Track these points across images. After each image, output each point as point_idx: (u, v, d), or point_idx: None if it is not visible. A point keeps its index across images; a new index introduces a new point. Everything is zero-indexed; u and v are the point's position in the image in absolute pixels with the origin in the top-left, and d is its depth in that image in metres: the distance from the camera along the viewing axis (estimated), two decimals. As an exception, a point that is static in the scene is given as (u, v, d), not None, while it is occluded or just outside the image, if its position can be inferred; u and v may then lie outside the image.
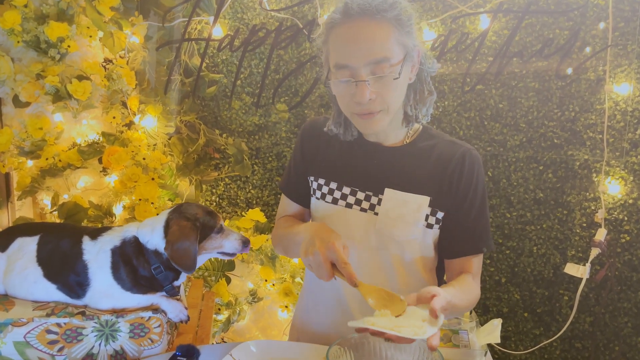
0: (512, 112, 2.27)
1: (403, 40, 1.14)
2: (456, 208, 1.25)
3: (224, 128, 2.44)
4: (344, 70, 1.14)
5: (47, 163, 1.98)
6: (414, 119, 1.27)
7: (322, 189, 1.33)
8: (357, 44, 1.12)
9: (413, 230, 1.23)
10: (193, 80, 2.31)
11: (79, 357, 1.27)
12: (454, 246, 1.27)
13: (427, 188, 1.24)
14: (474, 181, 1.24)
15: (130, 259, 1.31)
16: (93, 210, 1.96)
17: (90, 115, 2.12)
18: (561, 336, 2.32)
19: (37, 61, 2.00)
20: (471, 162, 1.25)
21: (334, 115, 1.31)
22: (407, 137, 1.30)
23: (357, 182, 1.29)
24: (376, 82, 1.13)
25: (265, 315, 2.12)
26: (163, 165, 2.12)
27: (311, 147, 1.38)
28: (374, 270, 1.27)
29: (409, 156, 1.28)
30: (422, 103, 1.25)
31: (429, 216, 1.24)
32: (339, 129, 1.31)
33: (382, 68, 1.12)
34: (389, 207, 1.24)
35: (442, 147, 1.27)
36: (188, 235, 1.26)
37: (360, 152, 1.31)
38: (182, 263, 1.27)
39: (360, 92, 1.13)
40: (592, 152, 2.21)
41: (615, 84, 2.12)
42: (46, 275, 1.35)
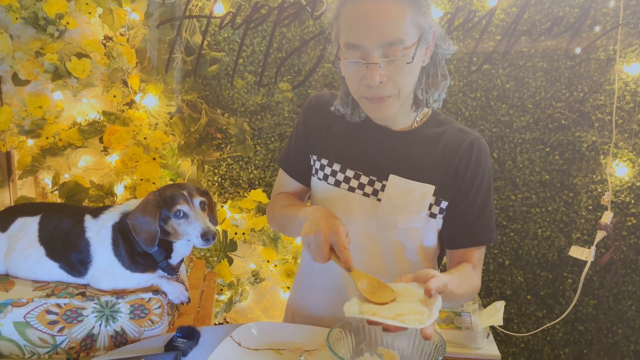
0: (519, 93, 2.23)
1: (418, 20, 1.07)
2: (460, 198, 1.21)
3: (226, 107, 2.41)
4: (354, 51, 1.09)
5: (47, 142, 1.96)
6: (424, 104, 1.20)
7: (324, 170, 1.29)
8: (369, 23, 1.05)
9: (416, 219, 1.20)
10: (194, 58, 2.28)
11: (79, 338, 1.27)
12: (456, 237, 1.23)
13: (432, 176, 1.20)
14: (480, 172, 1.20)
15: (128, 234, 1.30)
16: (94, 190, 1.95)
17: (90, 94, 2.09)
18: (564, 319, 2.32)
19: (35, 38, 1.97)
20: (478, 152, 1.20)
21: (342, 95, 1.25)
22: (416, 122, 1.26)
23: (362, 165, 1.24)
24: (388, 65, 1.07)
25: (267, 295, 2.12)
26: (164, 145, 2.10)
27: (315, 123, 1.32)
28: (373, 257, 1.25)
29: (416, 142, 1.23)
30: (435, 87, 1.19)
31: (432, 205, 1.20)
32: (346, 110, 1.26)
33: (394, 51, 1.06)
34: (393, 194, 1.21)
35: (450, 135, 1.22)
36: (146, 210, 1.25)
37: (367, 135, 1.26)
38: (140, 236, 1.25)
39: (371, 75, 1.08)
40: (600, 133, 2.18)
41: (626, 64, 2.07)
42: (48, 255, 1.34)
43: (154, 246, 1.28)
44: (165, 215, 1.27)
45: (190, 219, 1.26)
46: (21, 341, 1.25)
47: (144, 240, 1.27)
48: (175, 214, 1.25)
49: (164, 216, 1.27)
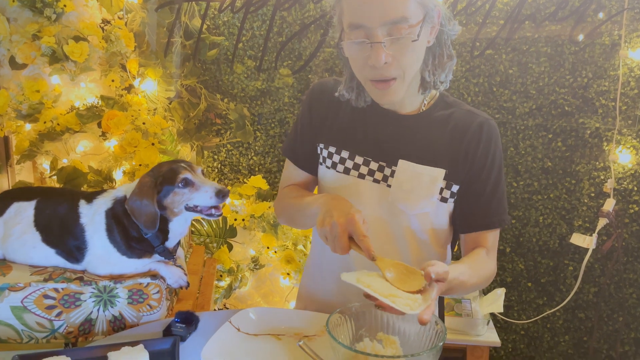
0: (522, 78, 2.20)
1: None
2: (472, 181, 1.19)
3: (226, 93, 2.39)
4: (358, 31, 1.07)
5: (45, 127, 1.94)
6: (432, 85, 1.19)
7: (332, 158, 1.26)
8: (373, 2, 1.04)
9: (426, 204, 1.18)
10: (194, 42, 2.25)
11: (77, 322, 1.26)
12: (469, 220, 1.21)
13: (442, 160, 1.18)
14: (490, 153, 1.18)
15: (122, 220, 1.29)
16: (93, 175, 1.94)
17: (88, 78, 2.07)
18: (564, 306, 2.31)
19: (32, 21, 1.94)
20: (488, 133, 1.18)
21: (346, 79, 1.23)
22: (423, 104, 1.23)
23: (370, 151, 1.22)
24: (393, 44, 1.06)
25: (267, 282, 2.12)
26: (163, 130, 2.08)
27: (320, 111, 1.30)
28: (385, 244, 1.23)
29: (425, 125, 1.21)
30: (441, 68, 1.17)
31: (443, 189, 1.19)
32: (350, 94, 1.23)
33: (399, 29, 1.04)
34: (403, 179, 1.19)
35: (458, 117, 1.20)
36: (143, 192, 1.24)
37: (374, 120, 1.24)
38: (140, 219, 1.25)
39: (376, 55, 1.06)
40: (603, 120, 2.15)
41: (631, 49, 2.04)
42: (45, 240, 1.34)
43: (155, 228, 1.27)
44: (166, 191, 1.26)
45: (198, 185, 1.26)
46: (19, 326, 1.25)
47: (144, 223, 1.26)
48: (180, 184, 1.25)
49: (164, 192, 1.26)
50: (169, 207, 1.28)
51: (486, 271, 1.17)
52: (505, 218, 1.21)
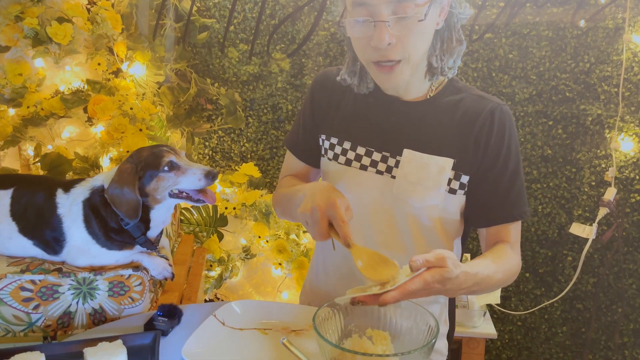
0: (522, 63, 2.14)
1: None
2: (485, 170, 1.12)
3: (217, 77, 2.32)
4: (361, 8, 1.01)
5: (28, 111, 1.89)
6: (439, 72, 1.12)
7: (334, 149, 1.21)
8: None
9: (434, 196, 1.12)
10: (183, 25, 2.19)
11: (55, 315, 1.22)
12: (487, 213, 1.14)
13: (450, 149, 1.12)
14: (505, 140, 1.10)
15: (99, 210, 1.24)
16: (78, 162, 1.88)
17: (74, 62, 2.02)
18: (562, 297, 2.27)
19: (15, 2, 1.89)
20: (502, 119, 1.10)
21: (348, 62, 1.17)
22: (431, 90, 1.16)
23: (373, 141, 1.17)
24: (397, 23, 1.00)
25: (258, 272, 2.08)
26: (152, 116, 2.03)
27: (322, 102, 1.25)
28: (390, 238, 1.17)
29: (432, 112, 1.14)
30: (450, 53, 1.10)
31: (452, 180, 1.12)
32: (353, 79, 1.18)
33: (405, 7, 0.99)
34: (408, 170, 1.12)
35: (468, 103, 1.13)
36: (123, 180, 1.19)
37: (377, 108, 1.18)
38: (121, 209, 1.20)
39: (379, 34, 1.00)
40: (605, 106, 2.09)
41: (635, 33, 1.98)
42: (21, 231, 1.29)
43: (137, 217, 1.22)
44: (149, 176, 1.20)
45: (184, 168, 1.21)
46: (-5, 319, 1.20)
47: (125, 213, 1.21)
48: (165, 168, 1.20)
49: (147, 178, 1.20)
50: (151, 194, 1.22)
51: (512, 266, 1.09)
52: (526, 210, 1.14)
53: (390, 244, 1.17)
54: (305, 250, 2.02)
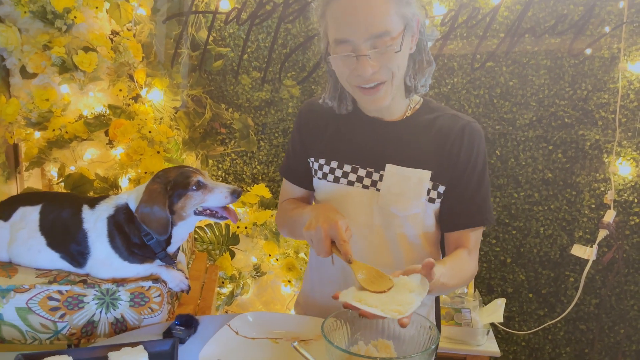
0: (522, 90, 2.23)
1: (402, 11, 1.12)
2: (455, 181, 1.24)
3: (231, 103, 2.43)
4: (344, 45, 1.12)
5: (53, 134, 1.98)
6: (413, 90, 1.25)
7: (323, 169, 1.32)
8: (356, 18, 1.09)
9: (415, 205, 1.23)
10: (200, 53, 2.30)
11: (80, 324, 1.29)
12: (453, 218, 1.25)
13: (428, 162, 1.23)
14: (473, 153, 1.23)
15: (123, 227, 1.32)
16: (99, 182, 1.98)
17: (96, 88, 2.11)
18: (566, 317, 2.31)
19: (43, 32, 2.00)
20: (471, 135, 1.23)
21: (330, 88, 1.29)
22: (408, 110, 1.28)
23: (358, 159, 1.28)
24: (377, 55, 1.11)
25: (268, 289, 2.14)
26: (169, 139, 2.12)
27: (309, 129, 1.36)
28: (377, 246, 1.27)
29: (410, 130, 1.26)
30: (421, 73, 1.23)
31: (430, 190, 1.23)
32: (333, 102, 1.29)
33: (383, 42, 1.10)
34: (391, 182, 1.23)
35: (442, 121, 1.25)
36: (154, 199, 1.27)
37: (360, 128, 1.29)
38: (152, 226, 1.27)
39: (362, 67, 1.12)
40: (603, 132, 2.17)
41: (630, 62, 2.06)
42: (49, 245, 1.37)
43: (167, 233, 1.30)
44: (178, 195, 1.29)
45: (210, 187, 1.30)
46: (23, 326, 1.27)
47: (155, 230, 1.28)
48: (193, 187, 1.28)
49: (176, 197, 1.29)
50: (177, 212, 1.30)
51: (467, 272, 1.21)
52: (488, 217, 1.25)
53: (379, 251, 1.27)
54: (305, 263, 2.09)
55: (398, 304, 0.95)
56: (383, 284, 1.02)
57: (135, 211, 1.29)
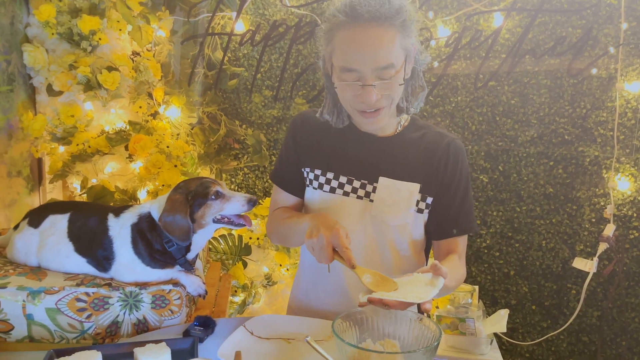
0: (523, 109, 2.32)
1: (405, 43, 1.20)
2: (442, 193, 1.33)
3: (244, 120, 2.53)
4: (351, 74, 1.20)
5: (77, 149, 2.09)
6: (405, 111, 1.34)
7: (319, 179, 1.39)
8: (364, 50, 1.16)
9: (405, 215, 1.32)
10: (215, 73, 2.41)
11: (105, 324, 1.37)
12: (442, 228, 1.35)
13: (417, 175, 1.33)
14: (458, 168, 1.33)
15: (145, 234, 1.40)
16: (119, 194, 2.08)
17: (118, 105, 2.22)
18: (568, 329, 2.36)
19: (70, 52, 2.12)
20: (455, 151, 1.33)
21: (329, 104, 1.36)
22: (398, 127, 1.37)
23: (353, 171, 1.36)
24: (382, 85, 1.20)
25: (279, 298, 2.21)
26: (185, 154, 2.22)
27: (304, 141, 1.42)
28: (370, 253, 1.36)
29: (401, 146, 1.35)
30: (415, 97, 1.32)
31: (419, 202, 1.33)
32: (331, 117, 1.37)
33: (388, 73, 1.19)
34: (384, 194, 1.32)
35: (430, 138, 1.35)
36: (176, 208, 1.35)
37: (354, 143, 1.38)
38: (174, 234, 1.36)
39: (368, 95, 1.20)
40: (602, 148, 2.25)
41: (627, 82, 2.15)
42: (77, 250, 1.44)
43: (189, 240, 1.38)
44: (198, 204, 1.37)
45: (228, 196, 1.38)
46: (52, 326, 1.35)
47: (177, 237, 1.36)
48: (212, 197, 1.36)
49: (196, 206, 1.37)
50: (197, 220, 1.38)
51: (461, 274, 1.32)
52: (473, 225, 1.36)
53: (371, 257, 1.35)
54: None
55: (417, 294, 1.03)
56: (388, 286, 1.11)
57: (158, 219, 1.38)
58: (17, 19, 2.11)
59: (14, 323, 1.34)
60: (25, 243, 1.49)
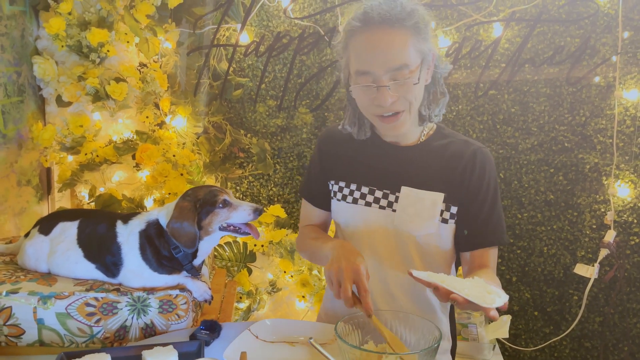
0: (524, 117, 2.35)
1: (420, 46, 1.21)
2: (469, 202, 1.30)
3: (249, 129, 2.57)
4: (365, 76, 1.21)
5: (85, 158, 2.13)
6: (427, 119, 1.33)
7: (342, 191, 1.40)
8: (377, 51, 1.18)
9: (429, 225, 1.30)
10: (221, 83, 2.45)
11: (113, 329, 1.40)
12: (472, 238, 1.32)
13: (441, 185, 1.30)
14: (485, 177, 1.30)
15: (153, 240, 1.43)
16: (126, 202, 2.12)
17: (125, 115, 2.27)
18: (571, 335, 2.38)
19: (79, 64, 2.17)
20: (482, 159, 1.31)
21: (350, 115, 1.38)
22: (422, 136, 1.36)
23: (375, 181, 1.35)
24: (396, 87, 1.20)
25: (283, 305, 2.24)
26: (191, 163, 2.26)
27: (329, 156, 1.44)
28: (394, 265, 1.35)
29: (424, 155, 1.34)
30: (435, 104, 1.32)
31: (443, 211, 1.30)
32: (353, 128, 1.37)
33: (402, 74, 1.19)
34: (406, 204, 1.31)
35: (454, 146, 1.33)
36: (184, 215, 1.37)
37: (377, 153, 1.37)
38: (181, 240, 1.38)
39: (382, 97, 1.20)
40: (602, 155, 2.28)
41: (625, 90, 2.18)
42: (86, 256, 1.48)
43: (195, 247, 1.40)
44: (206, 212, 1.39)
45: (235, 205, 1.40)
46: (62, 331, 1.38)
47: (184, 243, 1.39)
48: (220, 205, 1.39)
49: (204, 213, 1.39)
50: (204, 228, 1.41)
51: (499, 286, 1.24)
52: (503, 237, 1.32)
53: (395, 268, 1.35)
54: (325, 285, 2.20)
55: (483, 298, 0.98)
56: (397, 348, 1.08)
57: (166, 226, 1.41)
58: (28, 32, 2.16)
59: (25, 327, 1.38)
60: (36, 250, 1.52)
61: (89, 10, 2.13)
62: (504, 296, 1.01)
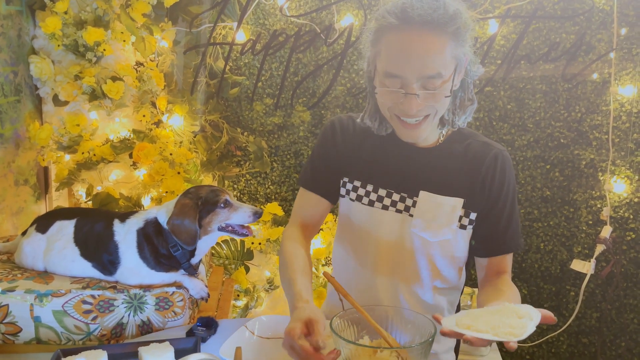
0: (520, 113, 2.35)
1: (457, 52, 1.11)
2: (489, 208, 1.26)
3: (246, 127, 2.58)
4: (394, 80, 1.13)
5: (82, 157, 2.13)
6: (450, 124, 1.25)
7: (357, 191, 1.33)
8: (411, 56, 1.09)
9: (447, 231, 1.26)
10: (217, 82, 2.46)
11: (110, 326, 1.41)
12: (489, 245, 1.28)
13: (460, 190, 1.25)
14: (506, 182, 1.25)
15: (152, 239, 1.44)
16: (123, 201, 2.12)
17: (122, 114, 2.27)
18: (568, 331, 2.38)
19: (75, 63, 2.17)
20: (503, 163, 1.25)
21: (371, 109, 1.29)
22: (441, 137, 1.29)
23: (392, 183, 1.29)
24: (426, 96, 1.12)
25: (280, 302, 2.25)
26: (188, 161, 2.26)
27: (345, 147, 1.34)
28: (408, 270, 1.31)
29: (443, 157, 1.27)
30: (462, 110, 1.23)
31: (462, 217, 1.26)
32: (373, 123, 1.29)
33: (433, 84, 1.11)
34: (424, 209, 1.25)
35: (475, 148, 1.26)
36: (185, 213, 1.39)
37: (395, 153, 1.30)
38: (181, 237, 1.40)
39: (409, 104, 1.12)
40: (598, 151, 2.28)
41: (621, 86, 2.19)
42: (83, 255, 1.50)
43: (195, 244, 1.42)
44: (207, 211, 1.41)
45: (235, 206, 1.43)
46: (59, 328, 1.40)
47: (184, 241, 1.40)
48: (221, 205, 1.40)
49: (205, 212, 1.41)
50: (204, 227, 1.43)
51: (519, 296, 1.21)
52: (520, 242, 1.30)
53: (409, 274, 1.32)
54: (324, 283, 2.20)
55: (510, 327, 0.95)
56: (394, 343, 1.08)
57: (167, 223, 1.42)
58: (24, 32, 2.17)
59: (22, 325, 1.39)
60: (33, 248, 1.53)
61: (85, 9, 2.13)
62: (535, 317, 0.96)
